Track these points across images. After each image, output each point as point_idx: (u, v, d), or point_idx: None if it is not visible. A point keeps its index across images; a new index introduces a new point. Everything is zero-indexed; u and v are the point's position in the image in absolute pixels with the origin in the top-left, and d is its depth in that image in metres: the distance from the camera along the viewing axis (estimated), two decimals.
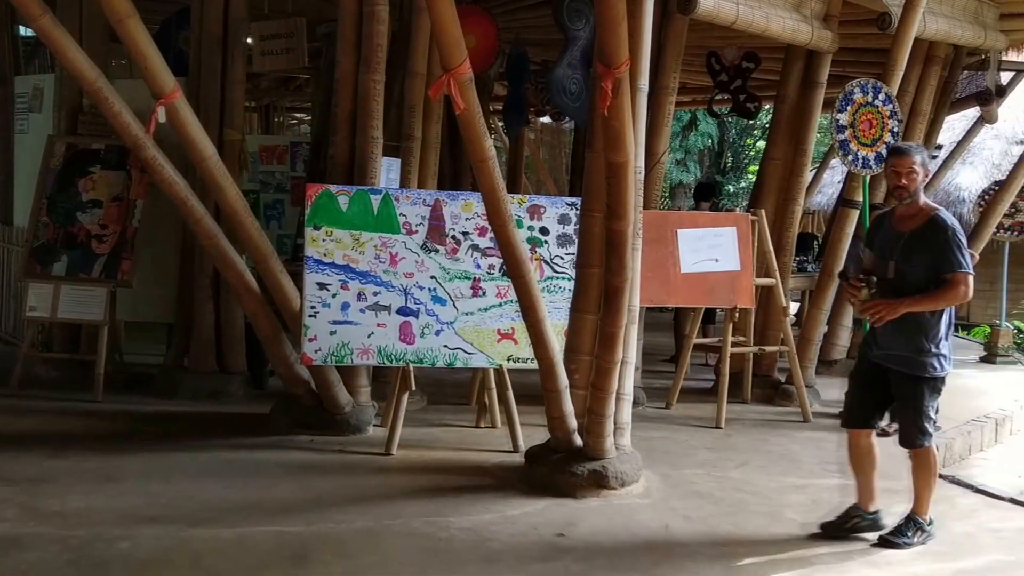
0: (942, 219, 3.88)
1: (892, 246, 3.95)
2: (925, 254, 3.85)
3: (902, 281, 3.89)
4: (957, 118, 12.63)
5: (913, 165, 3.88)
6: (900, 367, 3.93)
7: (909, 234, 3.90)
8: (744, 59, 8.16)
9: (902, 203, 3.95)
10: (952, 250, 3.81)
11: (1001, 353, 9.66)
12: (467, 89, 4.04)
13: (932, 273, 3.84)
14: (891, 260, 3.92)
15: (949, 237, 3.83)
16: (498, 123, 13.21)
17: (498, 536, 3.98)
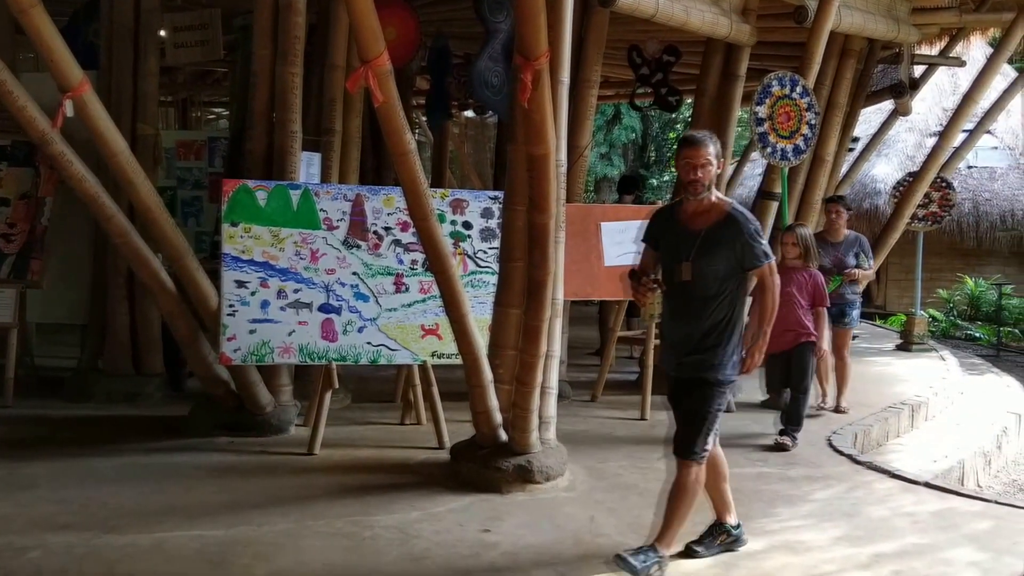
0: (740, 214, 3.62)
1: (686, 245, 3.61)
2: (725, 252, 3.56)
3: (700, 281, 3.59)
4: (873, 111, 13.02)
5: (708, 156, 3.54)
6: (694, 372, 3.63)
7: (706, 232, 3.58)
8: (665, 52, 8.24)
9: (696, 198, 3.60)
10: (755, 245, 3.56)
11: (916, 341, 9.99)
12: (386, 81, 3.96)
13: (732, 270, 3.58)
14: (686, 261, 3.59)
15: (751, 232, 3.57)
16: (421, 117, 13.09)
17: (423, 533, 3.93)
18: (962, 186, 13.64)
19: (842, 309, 6.61)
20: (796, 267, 5.74)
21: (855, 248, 6.74)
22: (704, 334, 3.60)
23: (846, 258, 6.68)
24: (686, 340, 3.64)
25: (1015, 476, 6.90)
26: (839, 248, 6.72)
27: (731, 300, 3.61)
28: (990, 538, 4.01)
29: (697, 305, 3.61)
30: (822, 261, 6.33)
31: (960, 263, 14.12)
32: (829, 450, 5.55)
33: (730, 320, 3.60)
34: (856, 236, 6.85)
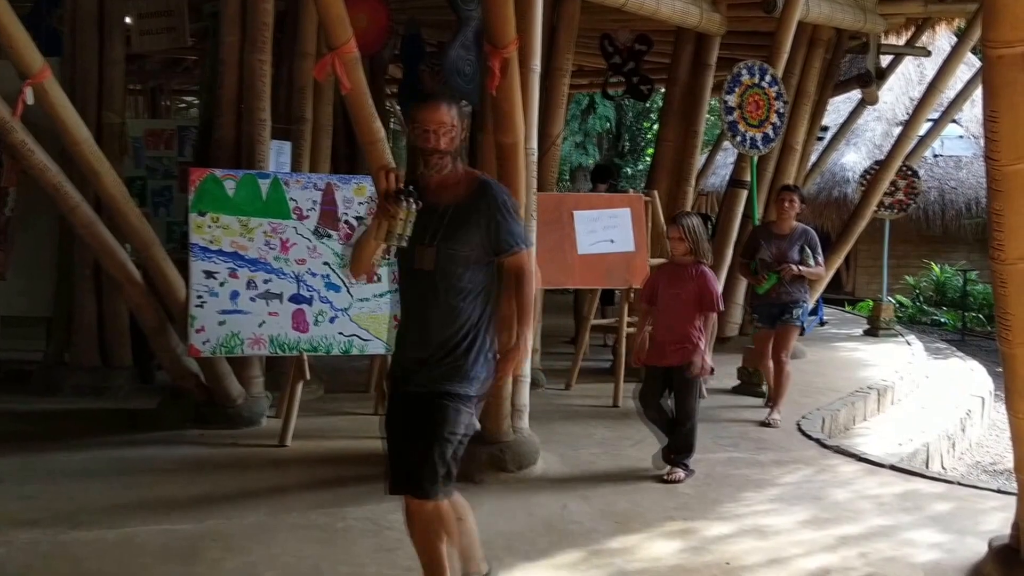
0: (493, 184, 3.02)
1: (429, 225, 2.89)
2: (476, 233, 2.90)
3: (446, 271, 2.89)
4: (842, 100, 13.15)
5: (448, 119, 2.88)
6: (434, 386, 2.89)
7: (454, 209, 2.91)
8: (637, 42, 8.26)
9: (438, 171, 2.91)
10: (511, 221, 2.95)
11: (883, 326, 10.13)
12: (353, 69, 3.94)
13: (485, 257, 2.94)
14: (428, 244, 2.88)
15: (506, 207, 2.96)
16: (396, 106, 13.03)
17: (396, 524, 3.90)
18: (928, 174, 13.83)
19: (784, 308, 5.91)
20: (685, 263, 4.73)
21: (800, 242, 5.95)
22: (449, 338, 2.89)
23: (790, 252, 5.91)
24: (425, 345, 2.91)
25: (979, 458, 7.04)
26: (784, 241, 5.97)
27: (484, 296, 2.96)
28: (953, 519, 4.09)
29: (441, 301, 2.90)
30: (763, 254, 5.93)
31: (927, 250, 14.32)
32: (798, 434, 5.62)
33: (482, 321, 2.94)
34: (804, 229, 6.05)
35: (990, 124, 2.93)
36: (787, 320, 5.93)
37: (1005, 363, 3.13)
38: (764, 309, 6.07)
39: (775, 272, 5.83)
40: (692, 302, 4.66)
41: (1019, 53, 2.80)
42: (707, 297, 4.65)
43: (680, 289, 4.69)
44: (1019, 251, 2.99)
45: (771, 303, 5.94)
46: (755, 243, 6.10)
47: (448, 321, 2.90)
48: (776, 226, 6.09)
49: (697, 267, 4.70)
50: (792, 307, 5.91)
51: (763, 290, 5.92)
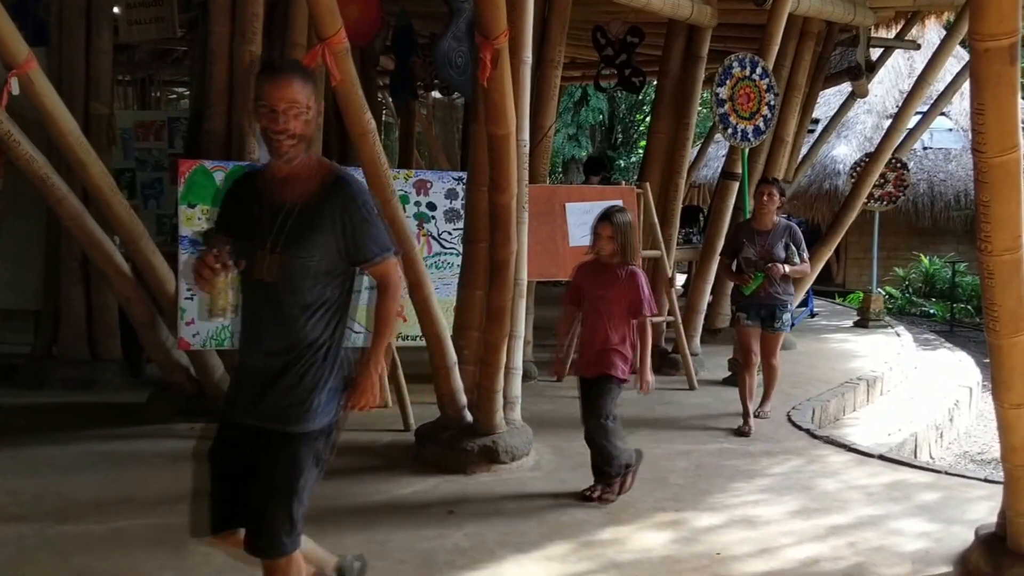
0: (351, 180, 2.54)
1: (270, 226, 2.45)
2: (327, 237, 2.46)
3: (290, 281, 2.45)
4: (832, 93, 13.16)
5: (299, 97, 2.40)
6: (277, 422, 2.48)
7: (301, 207, 2.45)
8: (629, 33, 8.23)
9: (288, 161, 2.43)
10: (373, 225, 2.51)
11: (873, 318, 10.18)
12: (343, 60, 3.91)
13: (337, 266, 2.51)
14: (269, 250, 2.44)
15: (366, 207, 2.51)
16: (388, 98, 12.98)
17: (388, 516, 3.94)
18: (918, 167, 13.86)
19: (772, 311, 5.59)
20: (612, 263, 4.22)
21: (784, 238, 5.62)
22: (291, 363, 2.47)
23: (774, 250, 5.57)
24: (263, 369, 2.49)
25: (966, 448, 7.09)
26: (766, 238, 5.62)
27: (336, 313, 2.55)
28: (940, 508, 4.12)
29: (285, 318, 2.46)
30: (747, 253, 5.60)
31: (916, 242, 14.36)
32: (788, 425, 5.65)
33: (332, 343, 2.54)
34: (787, 224, 5.74)
35: (977, 116, 2.94)
36: (775, 327, 5.65)
37: (992, 354, 3.14)
38: (753, 308, 5.68)
39: (761, 271, 5.50)
40: (620, 307, 4.16)
41: (1005, 46, 2.81)
42: (636, 301, 4.14)
43: (606, 291, 4.18)
44: (1006, 242, 3.00)
45: (758, 303, 5.61)
46: (736, 242, 5.76)
47: (291, 342, 2.46)
48: (757, 222, 5.72)
49: (625, 268, 4.20)
50: (779, 310, 5.61)
51: (750, 291, 5.54)
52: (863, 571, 3.41)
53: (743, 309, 5.69)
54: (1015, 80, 2.89)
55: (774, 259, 5.51)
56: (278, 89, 2.41)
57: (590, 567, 3.43)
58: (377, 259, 2.55)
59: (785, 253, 5.57)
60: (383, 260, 2.57)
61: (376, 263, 2.56)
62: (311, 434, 2.50)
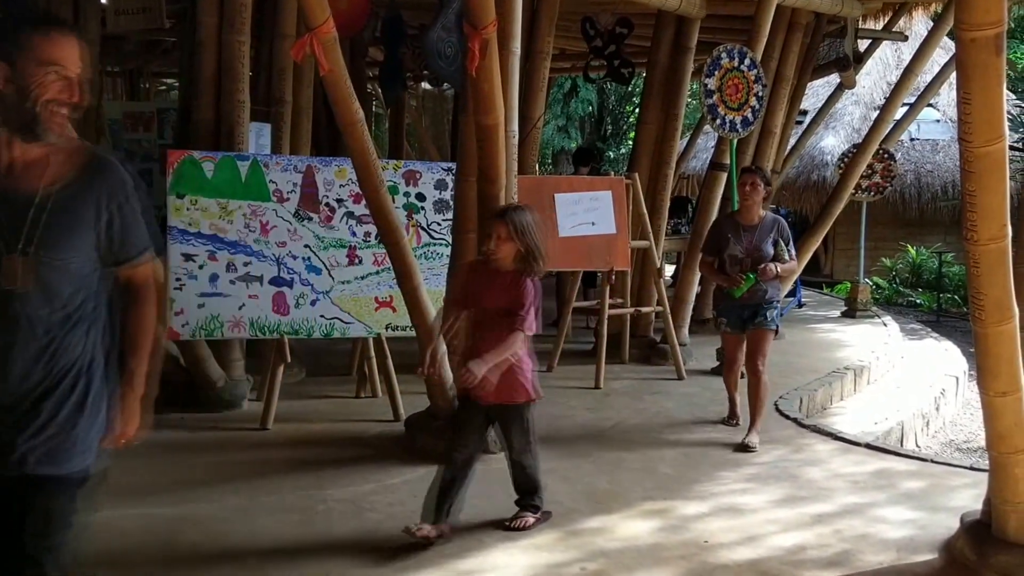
0: (113, 162, 2.10)
1: (15, 222, 1.98)
2: (87, 230, 2.04)
3: (46, 289, 2.01)
4: (820, 84, 13.19)
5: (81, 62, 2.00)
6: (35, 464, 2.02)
7: (57, 195, 2.00)
8: (618, 24, 8.24)
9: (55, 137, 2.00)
10: (140, 219, 2.11)
11: (861, 308, 10.24)
12: (331, 49, 3.92)
13: (96, 264, 2.08)
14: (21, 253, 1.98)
15: (136, 195, 2.11)
16: (378, 89, 12.95)
17: (377, 506, 3.96)
18: (905, 158, 13.93)
19: (756, 309, 5.05)
20: (505, 268, 3.53)
21: (773, 233, 5.07)
22: (48, 389, 2.03)
23: (763, 247, 5.03)
24: (13, 399, 2.01)
25: (952, 436, 7.16)
26: (754, 233, 5.07)
27: (100, 324, 2.12)
28: (926, 496, 4.17)
29: (35, 334, 2.01)
30: (732, 250, 5.04)
31: (903, 233, 14.44)
32: (776, 414, 5.68)
33: (96, 361, 2.11)
34: (775, 218, 5.20)
35: (963, 106, 2.96)
36: (760, 323, 5.04)
37: (977, 343, 3.18)
38: (732, 311, 5.12)
39: (753, 273, 4.95)
40: (505, 318, 3.52)
41: (991, 36, 2.83)
42: (516, 312, 3.49)
43: (494, 300, 3.56)
44: (991, 231, 3.03)
45: (741, 304, 5.05)
46: (720, 238, 5.14)
47: (45, 363, 2.01)
48: (742, 216, 5.15)
49: (517, 275, 3.53)
50: (765, 308, 5.03)
51: (740, 293, 4.98)
52: (848, 558, 3.44)
53: (724, 313, 5.19)
54: (1001, 70, 2.91)
55: (763, 257, 4.98)
56: (71, 49, 1.97)
57: (577, 555, 3.45)
58: (140, 259, 2.13)
59: (774, 250, 5.03)
60: (143, 260, 2.14)
61: (138, 263, 2.13)
62: (72, 481, 2.05)
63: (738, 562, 3.40)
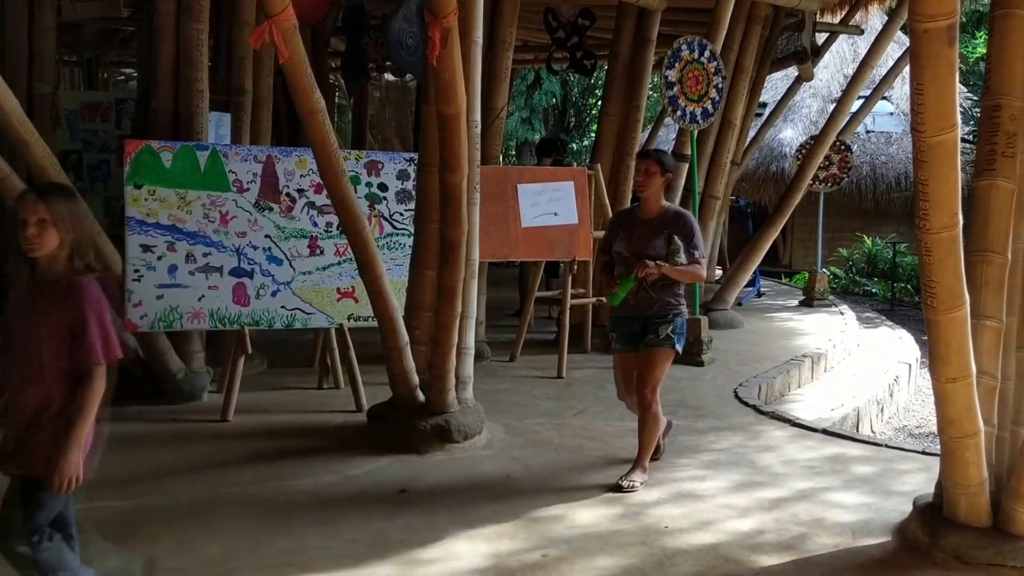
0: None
1: None
2: None
3: None
4: (779, 77, 13.37)
5: None
6: None
7: None
8: (580, 16, 8.27)
9: None
10: None
11: (818, 297, 10.41)
12: (291, 37, 3.88)
13: None
14: None
15: None
16: (341, 79, 12.84)
17: (339, 496, 3.95)
18: (861, 150, 14.17)
19: (647, 322, 4.14)
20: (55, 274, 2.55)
21: (668, 229, 4.12)
22: None
23: (650, 244, 4.11)
24: None
25: (905, 422, 7.31)
26: (647, 228, 4.17)
27: None
28: (880, 480, 4.26)
29: None
30: (618, 247, 4.22)
31: (859, 223, 14.70)
32: (736, 402, 5.77)
33: None
34: (676, 212, 4.24)
35: (916, 96, 3.02)
36: (651, 342, 4.13)
37: (930, 329, 3.24)
38: (622, 324, 4.25)
39: (631, 276, 4.06)
40: (57, 347, 2.50)
41: (943, 27, 2.89)
42: (80, 337, 2.48)
43: (36, 323, 2.53)
44: (943, 220, 3.09)
45: (630, 315, 4.18)
46: (611, 232, 4.34)
47: None
48: (641, 209, 4.27)
49: (71, 279, 2.53)
50: (657, 322, 4.13)
51: (617, 300, 4.11)
52: (804, 542, 3.51)
53: (614, 327, 4.33)
54: (953, 61, 2.97)
55: (650, 257, 4.06)
56: None
57: (539, 543, 3.48)
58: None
59: (667, 249, 4.09)
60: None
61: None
62: None
63: (697, 547, 3.45)
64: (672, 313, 4.16)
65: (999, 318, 3.34)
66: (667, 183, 4.27)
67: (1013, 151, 3.29)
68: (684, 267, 4.09)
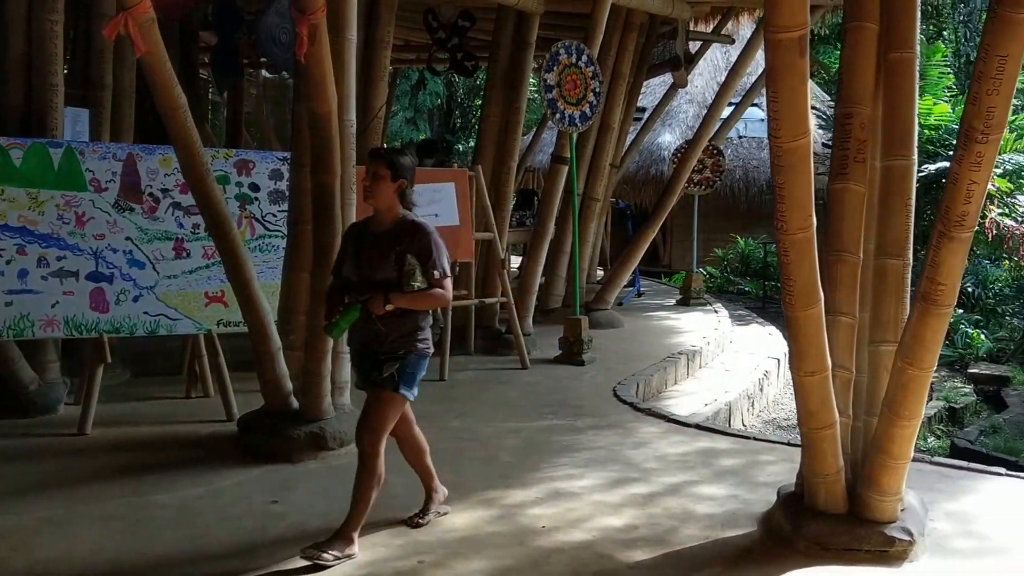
0: None
1: None
2: None
3: None
4: (658, 84, 13.73)
5: None
6: None
7: None
8: (460, 17, 8.27)
9: None
10: None
11: (694, 296, 10.76)
12: (149, 30, 3.70)
13: None
14: None
15: None
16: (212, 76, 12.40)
17: (206, 510, 3.79)
18: (734, 154, 14.73)
19: (376, 359, 3.43)
20: None
21: (401, 246, 3.35)
22: None
23: (379, 265, 3.36)
24: None
25: (774, 415, 7.62)
26: (378, 246, 3.40)
27: None
28: (748, 471, 4.41)
29: None
30: (346, 270, 3.46)
31: (734, 224, 15.25)
32: (614, 400, 5.87)
33: None
34: (413, 224, 3.43)
35: (772, 104, 3.14)
36: (375, 380, 3.44)
37: (789, 325, 3.37)
38: (359, 359, 3.57)
39: (357, 303, 3.33)
40: None
41: (795, 38, 3.01)
42: None
43: None
44: (799, 222, 3.23)
45: (357, 349, 3.56)
46: (343, 251, 3.59)
47: None
48: (374, 221, 3.47)
49: None
50: (384, 358, 3.41)
51: (336, 332, 3.39)
52: (675, 535, 3.59)
53: (353, 360, 3.75)
54: (805, 71, 3.09)
55: (377, 281, 3.35)
56: None
57: (415, 549, 3.43)
58: None
59: (400, 271, 3.34)
60: None
61: None
62: None
63: (572, 545, 3.48)
64: (404, 350, 3.40)
65: (853, 314, 3.50)
66: (400, 189, 3.41)
67: (864, 156, 3.47)
68: (421, 293, 3.35)
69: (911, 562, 3.35)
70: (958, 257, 3.13)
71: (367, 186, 3.40)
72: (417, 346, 3.46)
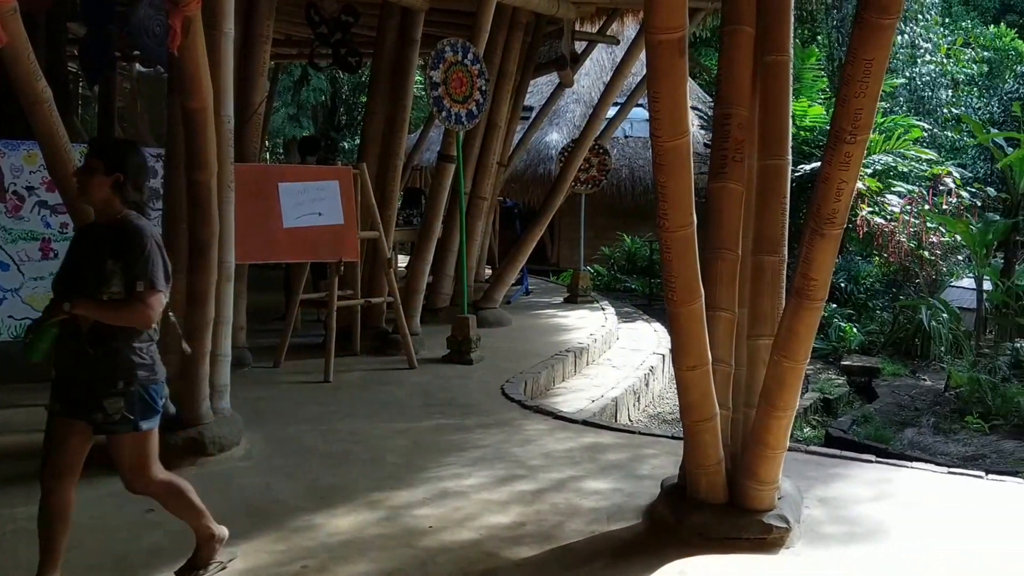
0: None
1: None
2: None
3: None
4: (545, 83, 13.88)
5: None
6: None
7: None
8: (343, 12, 8.12)
9: None
10: None
11: (582, 294, 10.93)
12: (10, 21, 3.48)
13: None
14: None
15: None
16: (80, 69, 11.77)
17: (78, 520, 3.54)
18: (620, 154, 15.05)
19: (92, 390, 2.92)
20: None
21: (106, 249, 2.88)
22: None
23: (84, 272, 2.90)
24: None
25: (659, 409, 7.82)
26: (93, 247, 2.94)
27: None
28: (633, 465, 4.51)
29: None
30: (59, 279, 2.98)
31: (620, 223, 15.59)
32: (502, 398, 5.90)
33: None
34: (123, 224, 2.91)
35: (654, 104, 3.21)
36: (102, 425, 2.96)
37: (671, 321, 3.46)
38: (59, 384, 3.03)
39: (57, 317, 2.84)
40: None
41: (675, 39, 3.08)
42: None
43: None
44: (680, 219, 3.31)
45: (64, 374, 3.00)
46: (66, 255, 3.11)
47: None
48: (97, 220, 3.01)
49: None
50: (104, 392, 2.90)
51: (36, 354, 2.94)
52: (562, 531, 3.63)
53: (53, 383, 3.08)
54: (684, 71, 3.17)
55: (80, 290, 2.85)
56: None
57: (298, 554, 3.35)
58: None
59: (96, 279, 2.85)
60: None
61: None
62: None
63: (459, 544, 3.47)
64: (124, 380, 2.88)
65: (732, 310, 3.63)
66: (116, 183, 2.90)
67: (741, 156, 3.59)
68: (113, 304, 2.83)
69: (788, 548, 3.49)
70: (829, 253, 3.28)
71: (79, 181, 2.95)
72: (137, 374, 2.89)
